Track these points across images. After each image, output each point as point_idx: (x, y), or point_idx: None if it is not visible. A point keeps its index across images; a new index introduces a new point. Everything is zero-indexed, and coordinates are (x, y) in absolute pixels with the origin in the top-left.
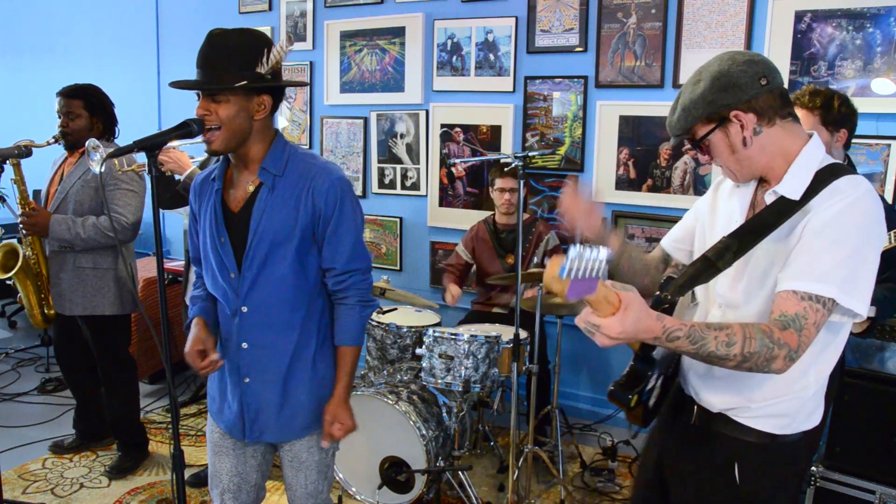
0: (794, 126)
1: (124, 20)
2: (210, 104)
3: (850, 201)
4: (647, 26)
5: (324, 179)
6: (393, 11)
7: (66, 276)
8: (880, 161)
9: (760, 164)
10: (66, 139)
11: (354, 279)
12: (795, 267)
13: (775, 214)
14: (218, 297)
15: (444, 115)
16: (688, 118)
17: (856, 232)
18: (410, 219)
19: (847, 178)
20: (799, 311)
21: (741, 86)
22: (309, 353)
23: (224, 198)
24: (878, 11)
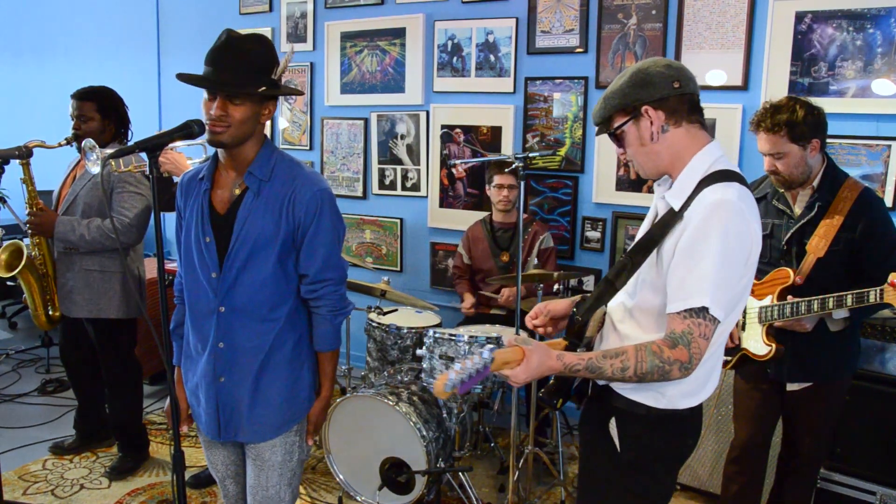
0: (698, 132)
1: (125, 20)
2: (227, 105)
3: (708, 213)
4: (647, 27)
5: (307, 189)
6: (393, 12)
7: (72, 278)
8: (881, 162)
9: (664, 161)
10: (78, 141)
11: (327, 289)
12: (672, 289)
13: (661, 227)
14: (194, 297)
15: (444, 116)
16: (607, 107)
17: (713, 237)
18: (411, 220)
19: (714, 187)
20: (684, 328)
21: (654, 84)
22: (284, 354)
23: (211, 198)
24: (879, 12)
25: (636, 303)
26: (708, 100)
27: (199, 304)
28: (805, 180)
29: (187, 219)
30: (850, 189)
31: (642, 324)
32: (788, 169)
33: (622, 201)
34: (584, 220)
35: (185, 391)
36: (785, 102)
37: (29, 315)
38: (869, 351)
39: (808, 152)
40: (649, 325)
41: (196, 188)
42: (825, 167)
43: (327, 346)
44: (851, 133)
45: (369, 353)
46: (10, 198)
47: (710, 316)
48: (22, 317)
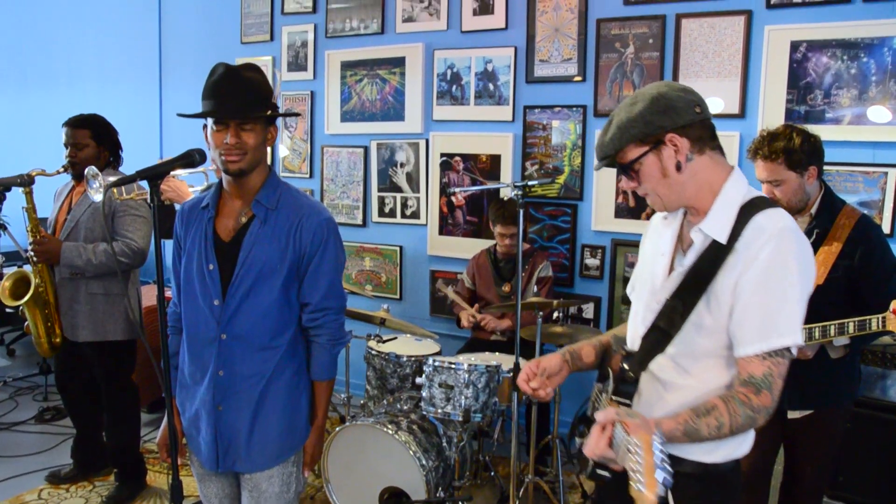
0: (721, 158)
1: (128, 49)
2: (241, 133)
3: (778, 242)
4: (644, 56)
5: (313, 218)
6: (393, 42)
7: (77, 303)
8: (878, 189)
9: (689, 192)
10: (74, 169)
11: (327, 318)
12: (749, 328)
13: (709, 263)
14: (193, 325)
15: (443, 145)
16: (623, 137)
17: (790, 270)
18: (410, 247)
19: (767, 214)
20: (765, 370)
21: (678, 109)
22: (283, 382)
23: (215, 226)
24: (872, 42)
25: (679, 348)
26: None
27: (200, 332)
28: (803, 207)
29: (188, 247)
30: (847, 216)
31: (688, 368)
32: (786, 196)
33: (621, 229)
34: (584, 248)
35: (182, 421)
36: (782, 130)
37: (27, 342)
38: (869, 378)
39: (806, 179)
40: (696, 369)
41: (199, 216)
42: (822, 194)
43: (325, 376)
44: (848, 160)
45: (369, 381)
46: (11, 224)
47: (788, 352)
48: (20, 344)
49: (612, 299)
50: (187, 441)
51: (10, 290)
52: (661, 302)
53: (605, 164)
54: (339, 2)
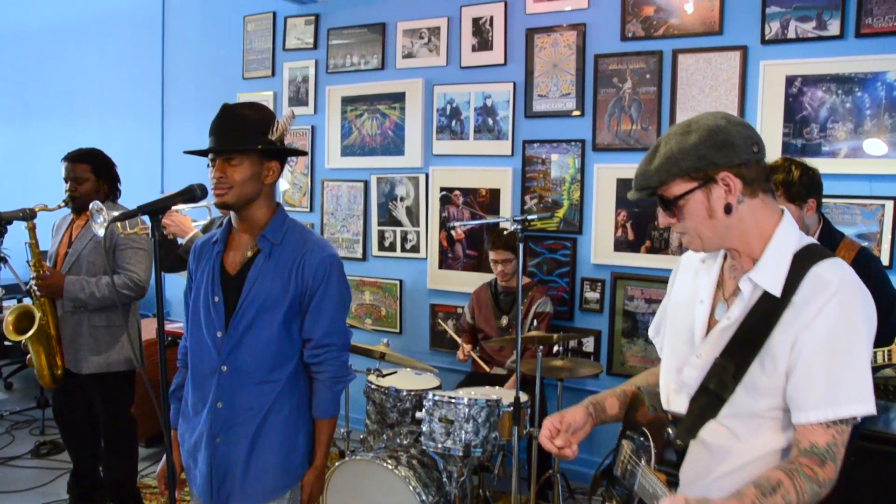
0: (772, 201)
1: (131, 84)
2: (226, 167)
3: (843, 297)
4: (642, 91)
5: (316, 254)
6: (393, 77)
7: (81, 336)
8: (875, 221)
9: (735, 236)
10: (73, 202)
11: (329, 354)
12: (814, 393)
13: (763, 318)
14: (197, 356)
15: (443, 179)
16: (671, 169)
17: (858, 329)
18: (410, 281)
19: (827, 265)
20: (829, 439)
21: (736, 146)
22: (281, 417)
23: (223, 260)
24: (865, 76)
25: (731, 411)
26: None
27: (202, 363)
28: None
29: (198, 280)
30: (847, 248)
31: (738, 433)
32: None
33: (621, 262)
34: (583, 281)
35: (182, 453)
36: (780, 163)
37: (25, 375)
38: None
39: (805, 212)
40: (746, 433)
41: (209, 251)
42: (822, 227)
43: (325, 414)
44: (845, 192)
45: (368, 415)
46: (11, 257)
47: (853, 419)
48: (18, 377)
49: (611, 333)
50: (186, 473)
51: (14, 325)
52: (703, 357)
53: (645, 195)
54: (340, 38)
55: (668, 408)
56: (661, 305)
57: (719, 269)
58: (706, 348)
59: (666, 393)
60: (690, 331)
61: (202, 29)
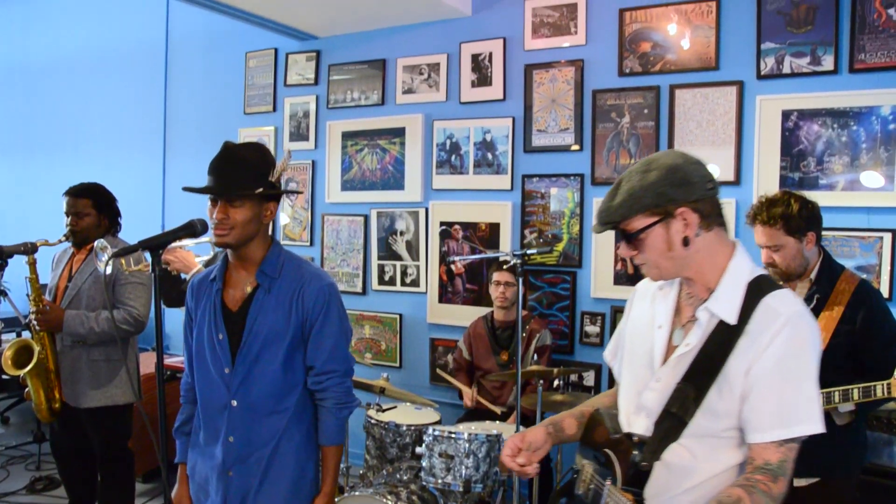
0: (725, 234)
1: (133, 119)
2: (228, 209)
3: (792, 327)
4: (640, 125)
5: (315, 283)
6: (393, 112)
7: (80, 371)
8: (874, 253)
9: (691, 266)
10: (74, 237)
11: (332, 381)
12: (767, 415)
13: (719, 346)
14: (206, 392)
15: (443, 213)
16: (633, 205)
17: (807, 355)
18: (410, 315)
19: (778, 296)
20: (780, 457)
21: (693, 184)
22: (291, 446)
23: (223, 297)
24: (860, 111)
25: (691, 433)
26: None
27: (212, 399)
28: (802, 273)
29: (199, 318)
30: (847, 281)
31: (698, 453)
32: (786, 261)
33: (620, 296)
34: (583, 315)
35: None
36: (780, 196)
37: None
38: (876, 444)
39: (805, 245)
40: (705, 453)
41: (208, 289)
42: (822, 260)
43: (331, 441)
44: (843, 225)
45: (368, 450)
46: (11, 291)
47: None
48: (15, 411)
49: None
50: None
51: (13, 359)
52: (662, 381)
53: (608, 229)
54: (341, 74)
55: (628, 429)
56: (618, 330)
57: (676, 297)
58: (666, 373)
59: (626, 414)
60: (650, 355)
61: (205, 65)
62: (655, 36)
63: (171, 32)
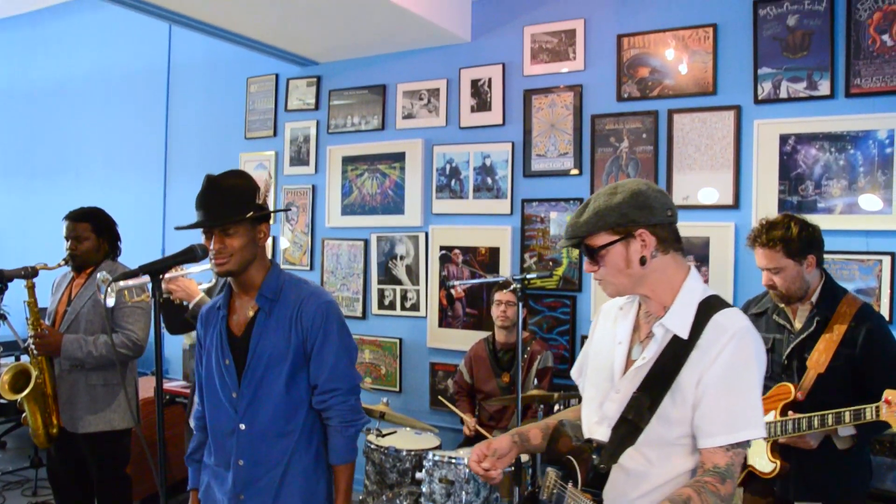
0: (682, 259)
1: (135, 144)
2: (223, 238)
3: (737, 342)
4: (639, 150)
5: (312, 302)
6: (393, 137)
7: (78, 396)
8: (873, 276)
9: (646, 284)
10: (74, 261)
11: (335, 399)
12: (716, 422)
13: (673, 358)
14: (215, 417)
15: (443, 238)
16: (598, 223)
17: (751, 367)
18: (410, 339)
19: (725, 314)
20: (728, 460)
21: (653, 209)
22: (301, 467)
23: (228, 323)
24: (857, 135)
25: (646, 439)
26: (701, 218)
27: (221, 423)
28: (803, 295)
29: (207, 346)
30: (849, 304)
31: (653, 458)
32: (786, 283)
33: None
34: (583, 339)
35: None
36: (780, 220)
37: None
38: (879, 469)
39: (805, 268)
40: (660, 458)
41: (215, 317)
42: (823, 283)
43: (340, 459)
44: (842, 248)
45: (367, 476)
46: (10, 314)
47: (748, 444)
48: (12, 436)
49: None
50: None
51: (10, 384)
52: (622, 391)
53: (573, 244)
54: (341, 99)
55: (591, 436)
56: (583, 350)
57: (635, 316)
58: (624, 384)
59: (588, 425)
60: (610, 369)
61: (206, 90)
62: (653, 61)
63: (174, 58)
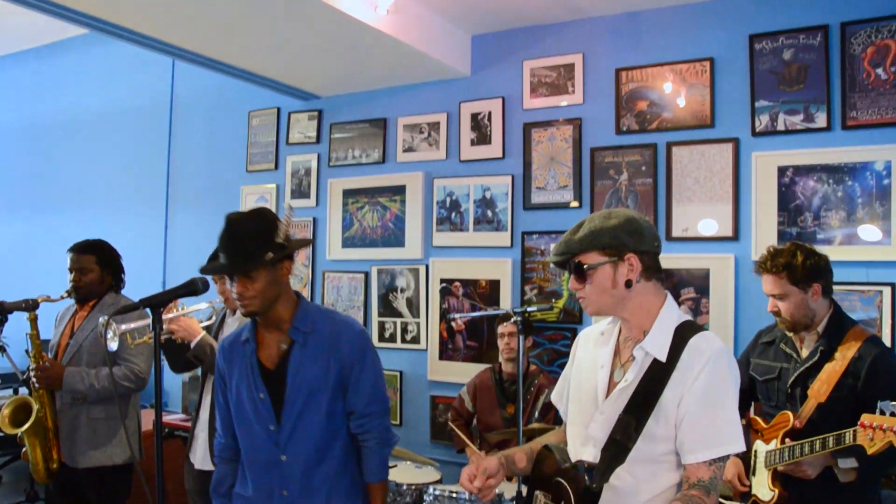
0: (660, 287)
1: (137, 177)
2: (246, 282)
3: (714, 363)
4: (638, 182)
5: (349, 331)
6: (394, 170)
7: (79, 430)
8: (874, 307)
9: (627, 307)
10: (77, 293)
11: (373, 422)
12: (698, 438)
13: (654, 380)
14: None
15: (443, 270)
16: (593, 241)
17: (728, 386)
18: (410, 372)
19: (701, 337)
20: (711, 474)
21: (644, 237)
22: (343, 488)
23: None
24: (854, 166)
25: (634, 458)
26: (701, 250)
27: (260, 456)
28: (809, 324)
29: (237, 379)
30: (855, 336)
31: (640, 475)
32: (790, 310)
33: None
34: None
35: None
36: (787, 247)
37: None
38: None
39: (810, 296)
40: (647, 475)
41: (240, 350)
42: (832, 313)
43: (377, 478)
44: (843, 279)
45: None
46: (10, 346)
47: (728, 458)
48: (7, 469)
49: None
50: None
51: (10, 418)
52: (606, 413)
53: (561, 260)
54: (342, 132)
55: (577, 458)
56: (563, 375)
57: (615, 341)
58: (609, 406)
59: (574, 447)
60: (594, 392)
61: (208, 123)
62: (651, 95)
63: (177, 92)
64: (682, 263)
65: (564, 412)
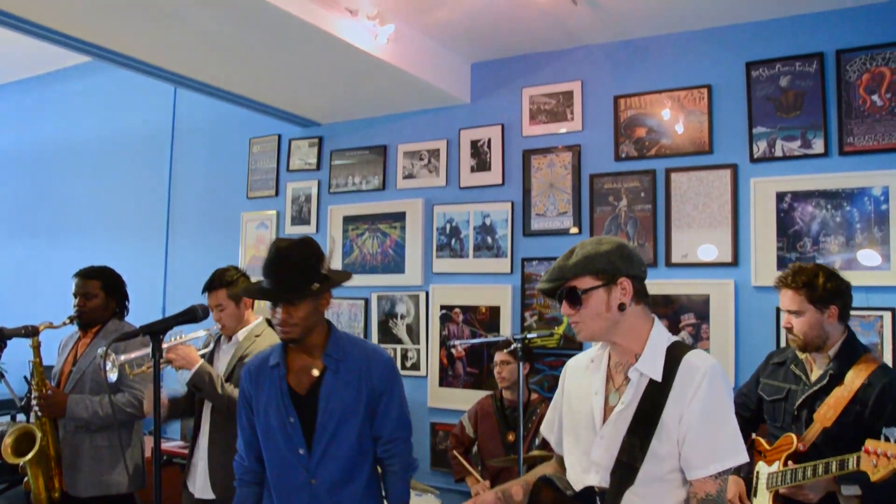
0: (648, 311)
1: (138, 204)
2: (290, 309)
3: (710, 379)
4: (637, 208)
5: (379, 359)
6: (394, 197)
7: (81, 458)
8: (875, 332)
9: (619, 331)
10: (81, 318)
11: (398, 448)
12: (703, 453)
13: (653, 400)
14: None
15: (443, 297)
16: (587, 266)
17: (726, 400)
18: (410, 399)
19: (694, 354)
20: (717, 487)
21: (634, 262)
22: None
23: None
24: (852, 192)
25: (641, 478)
26: (700, 276)
27: (289, 479)
28: (821, 345)
29: (265, 403)
30: (866, 363)
31: (647, 495)
32: (803, 329)
33: None
34: None
35: None
36: (811, 267)
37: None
38: None
39: (826, 317)
40: (654, 494)
41: (269, 374)
42: (845, 338)
43: (402, 500)
44: None
45: None
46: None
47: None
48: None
49: None
50: None
51: (13, 447)
52: (606, 437)
53: (552, 286)
54: (342, 159)
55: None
56: (553, 405)
57: (606, 367)
58: (608, 430)
59: (574, 474)
60: (590, 418)
61: (209, 150)
62: (650, 121)
63: (178, 119)
64: (681, 289)
65: (556, 442)
